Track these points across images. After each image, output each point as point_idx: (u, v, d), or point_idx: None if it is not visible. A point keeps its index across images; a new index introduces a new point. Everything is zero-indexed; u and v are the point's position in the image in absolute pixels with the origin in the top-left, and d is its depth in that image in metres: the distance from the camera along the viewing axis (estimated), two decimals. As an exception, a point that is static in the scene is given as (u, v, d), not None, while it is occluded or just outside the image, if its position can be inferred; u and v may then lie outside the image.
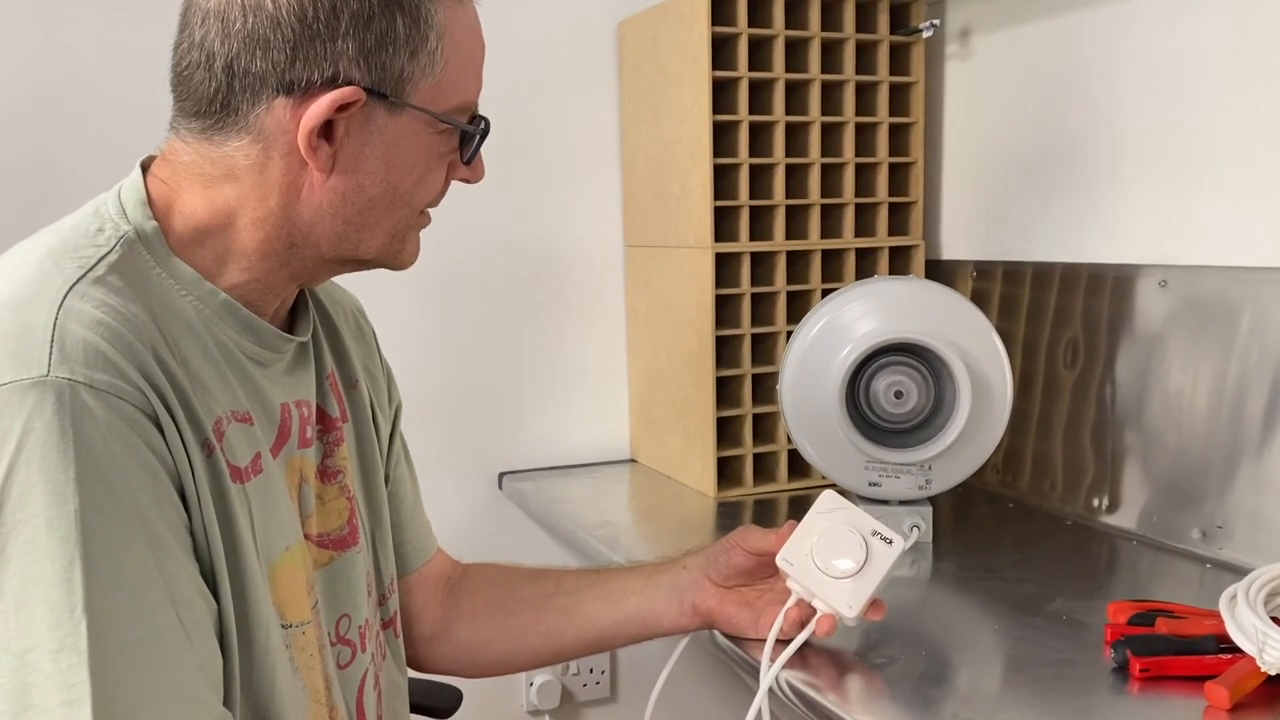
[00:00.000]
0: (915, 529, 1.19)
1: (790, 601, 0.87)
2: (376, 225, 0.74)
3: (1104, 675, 0.87)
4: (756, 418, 1.47)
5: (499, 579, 1.01)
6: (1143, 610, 0.95)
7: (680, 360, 1.50)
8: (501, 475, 1.61)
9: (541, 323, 1.63)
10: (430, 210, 0.78)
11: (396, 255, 0.77)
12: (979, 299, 1.45)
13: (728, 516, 1.40)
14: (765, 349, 1.48)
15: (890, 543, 0.86)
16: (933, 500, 1.23)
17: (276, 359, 0.77)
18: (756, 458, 1.47)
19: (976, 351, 1.18)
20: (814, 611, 0.86)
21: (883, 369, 1.20)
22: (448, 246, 1.54)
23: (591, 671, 1.68)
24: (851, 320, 1.20)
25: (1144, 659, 0.85)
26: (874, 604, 0.87)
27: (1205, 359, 1.17)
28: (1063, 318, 1.35)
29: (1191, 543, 1.18)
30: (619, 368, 1.67)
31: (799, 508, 1.42)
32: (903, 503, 1.22)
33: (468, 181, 0.79)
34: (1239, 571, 1.03)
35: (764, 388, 1.48)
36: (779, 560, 0.87)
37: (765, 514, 1.41)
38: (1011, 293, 1.42)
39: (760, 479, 1.48)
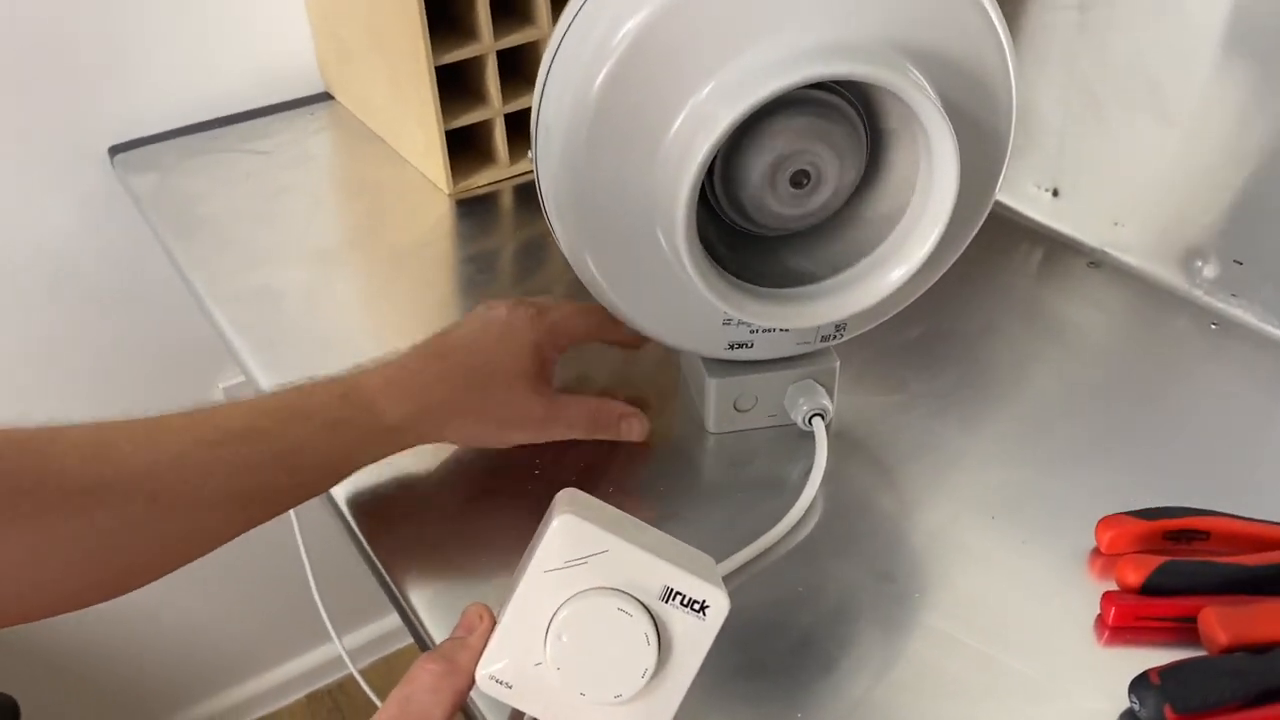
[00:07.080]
0: (817, 418, 0.63)
1: None
2: None
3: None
4: (504, 57, 0.89)
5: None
6: (1166, 529, 0.55)
7: (365, -45, 0.87)
8: (113, 151, 1.01)
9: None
10: None
11: None
12: None
13: (475, 223, 0.88)
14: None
15: (703, 611, 0.40)
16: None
17: None
18: (511, 119, 0.92)
19: (954, 50, 0.50)
20: None
21: (761, 128, 0.50)
22: None
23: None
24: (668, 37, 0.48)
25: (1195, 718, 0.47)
26: None
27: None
28: None
29: (1183, 275, 0.76)
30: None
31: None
32: (785, 361, 0.63)
33: None
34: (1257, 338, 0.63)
35: (509, 3, 0.88)
36: (482, 678, 0.40)
37: (532, 209, 0.90)
38: None
39: (518, 145, 0.94)
